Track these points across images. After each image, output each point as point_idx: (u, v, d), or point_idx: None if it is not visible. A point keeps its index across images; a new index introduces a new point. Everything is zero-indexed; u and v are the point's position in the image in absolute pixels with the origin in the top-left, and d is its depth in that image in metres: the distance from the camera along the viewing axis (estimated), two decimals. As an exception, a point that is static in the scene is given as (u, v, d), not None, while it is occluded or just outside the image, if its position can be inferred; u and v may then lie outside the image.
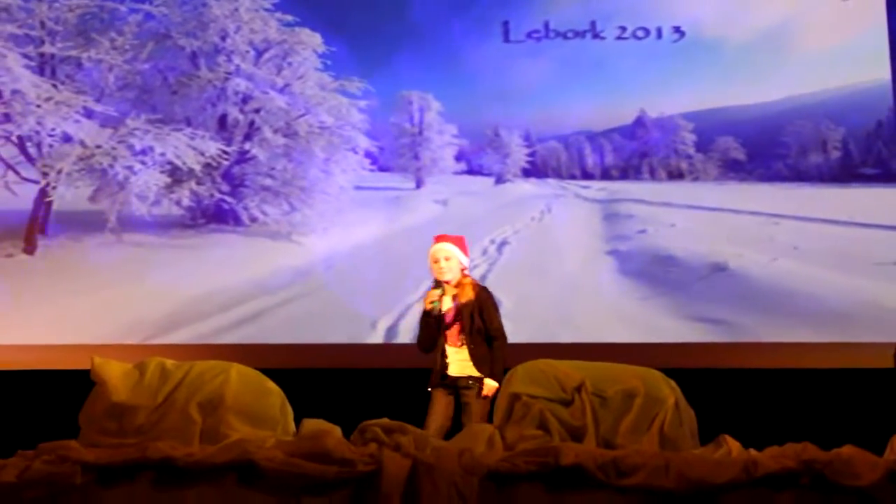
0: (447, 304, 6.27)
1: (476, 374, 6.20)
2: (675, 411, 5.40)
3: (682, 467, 4.63)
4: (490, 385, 6.12)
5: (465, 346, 6.24)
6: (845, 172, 9.33)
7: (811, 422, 6.79)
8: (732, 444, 5.09)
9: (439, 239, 6.36)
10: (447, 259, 6.23)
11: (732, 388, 8.15)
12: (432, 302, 6.23)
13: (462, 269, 6.32)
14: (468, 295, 6.25)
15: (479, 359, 6.21)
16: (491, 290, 6.41)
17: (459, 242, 6.38)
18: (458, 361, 6.24)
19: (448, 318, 6.28)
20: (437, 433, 5.98)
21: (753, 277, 8.82)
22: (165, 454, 4.65)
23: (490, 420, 5.78)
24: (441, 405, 6.22)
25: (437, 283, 6.30)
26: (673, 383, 5.60)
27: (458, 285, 6.28)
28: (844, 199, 9.29)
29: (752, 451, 4.98)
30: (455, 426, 6.15)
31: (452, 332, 6.28)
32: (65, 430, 5.28)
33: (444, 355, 6.26)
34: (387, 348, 8.49)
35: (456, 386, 6.23)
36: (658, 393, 5.44)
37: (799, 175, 9.36)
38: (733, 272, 8.85)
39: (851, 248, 8.96)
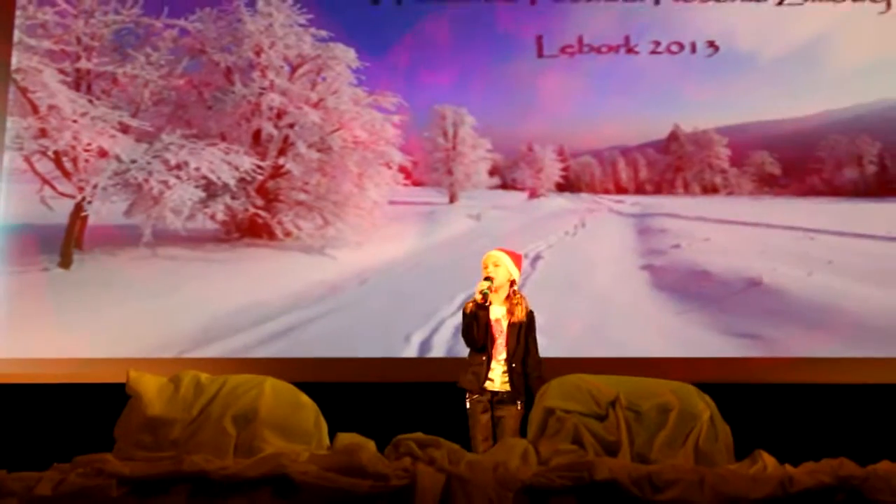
0: (496, 312, 6.38)
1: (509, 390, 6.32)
2: (710, 426, 5.41)
3: (717, 482, 4.62)
4: None
5: (504, 363, 6.33)
6: (882, 187, 9.27)
7: (848, 438, 6.77)
8: (768, 460, 5.08)
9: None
10: (496, 265, 6.39)
11: (768, 403, 8.12)
12: (482, 291, 6.26)
13: (511, 282, 6.45)
14: (519, 316, 6.39)
15: (515, 380, 6.32)
16: (525, 304, 6.46)
17: (513, 256, 6.56)
18: (499, 376, 6.32)
19: (497, 331, 6.38)
20: (487, 445, 6.14)
21: (789, 292, 8.76)
22: (200, 467, 4.67)
23: (523, 435, 5.83)
24: (485, 417, 6.28)
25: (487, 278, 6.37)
26: (708, 398, 5.60)
27: (509, 299, 6.43)
28: (880, 214, 9.21)
29: (788, 467, 4.98)
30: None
31: (499, 346, 6.35)
32: (100, 444, 5.32)
33: (489, 366, 6.33)
34: (420, 362, 8.46)
35: (492, 400, 6.29)
36: (693, 408, 5.45)
37: (835, 189, 9.30)
38: (768, 287, 8.79)
39: (887, 263, 8.89)
